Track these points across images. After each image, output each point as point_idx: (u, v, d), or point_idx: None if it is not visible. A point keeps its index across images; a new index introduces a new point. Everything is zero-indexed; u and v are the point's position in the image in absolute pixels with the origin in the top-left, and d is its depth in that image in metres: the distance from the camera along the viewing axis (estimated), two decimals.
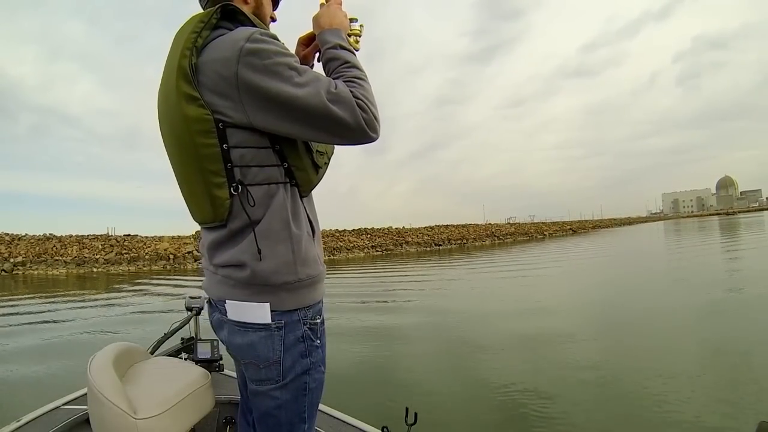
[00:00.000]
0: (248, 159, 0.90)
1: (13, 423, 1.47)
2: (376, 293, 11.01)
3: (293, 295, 0.95)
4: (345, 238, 34.18)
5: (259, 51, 0.85)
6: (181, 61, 0.88)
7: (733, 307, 6.75)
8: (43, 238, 27.17)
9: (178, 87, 0.88)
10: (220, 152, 0.89)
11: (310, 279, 0.96)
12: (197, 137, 0.89)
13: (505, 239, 44.20)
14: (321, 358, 1.01)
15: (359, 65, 0.99)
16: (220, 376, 1.90)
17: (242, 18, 0.96)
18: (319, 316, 1.01)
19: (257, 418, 1.02)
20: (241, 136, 0.90)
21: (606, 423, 3.16)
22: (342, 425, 1.54)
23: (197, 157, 0.90)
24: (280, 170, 0.94)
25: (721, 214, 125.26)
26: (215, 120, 0.88)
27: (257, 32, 0.88)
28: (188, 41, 0.89)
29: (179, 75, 0.88)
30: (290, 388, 0.97)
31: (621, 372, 4.13)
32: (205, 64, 0.88)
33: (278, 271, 0.92)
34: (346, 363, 4.72)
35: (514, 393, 3.73)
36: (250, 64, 0.84)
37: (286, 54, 0.89)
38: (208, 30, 0.91)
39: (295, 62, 0.89)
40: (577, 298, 8.84)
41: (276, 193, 0.93)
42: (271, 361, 0.95)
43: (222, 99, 0.87)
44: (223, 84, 0.86)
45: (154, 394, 1.13)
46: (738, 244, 19.73)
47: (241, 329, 0.96)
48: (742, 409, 3.19)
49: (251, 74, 0.84)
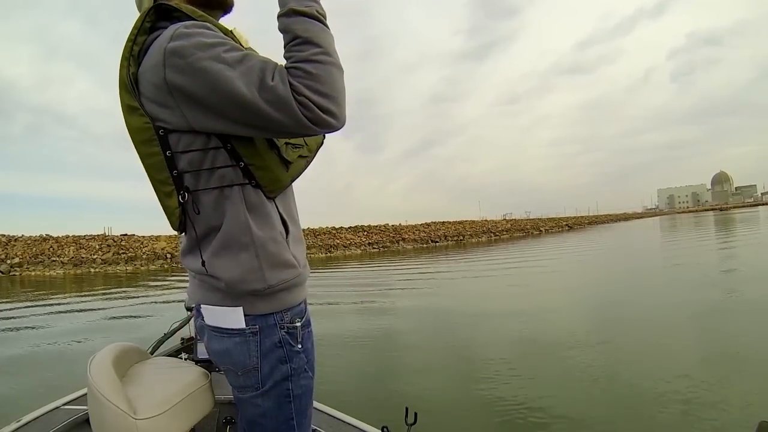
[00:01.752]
0: (197, 163, 0.84)
1: (13, 423, 1.47)
2: (374, 291, 11.01)
3: (265, 301, 0.90)
4: (341, 236, 34.17)
5: (180, 49, 0.76)
6: (121, 72, 0.85)
7: (732, 306, 6.79)
8: (40, 238, 27.06)
9: (121, 98, 0.86)
10: (164, 160, 0.85)
11: (283, 284, 0.90)
12: (141, 147, 0.86)
13: (502, 235, 44.25)
14: (305, 363, 0.96)
15: (315, 38, 0.80)
16: (220, 376, 1.89)
17: (177, 14, 0.87)
18: (300, 318, 0.95)
19: (246, 425, 1.00)
20: (186, 141, 0.84)
21: (606, 421, 3.17)
22: (342, 425, 1.54)
23: (147, 167, 0.88)
24: (236, 170, 0.85)
25: (716, 209, 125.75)
26: (155, 128, 0.83)
27: (181, 27, 0.79)
28: (126, 50, 0.85)
29: (121, 86, 0.85)
30: (272, 395, 0.93)
31: (620, 370, 4.15)
32: (142, 75, 0.83)
33: (244, 279, 0.86)
34: (346, 363, 4.72)
35: (514, 393, 3.74)
36: (175, 66, 0.77)
37: (213, 44, 0.77)
38: (144, 35, 0.85)
39: (224, 52, 0.77)
40: (576, 294, 8.88)
41: (230, 196, 0.86)
42: (249, 368, 0.92)
43: (161, 108, 0.82)
44: (158, 92, 0.81)
45: (154, 394, 1.12)
46: (729, 240, 19.80)
47: (217, 335, 0.93)
48: (742, 408, 3.20)
49: (178, 77, 0.77)
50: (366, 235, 35.84)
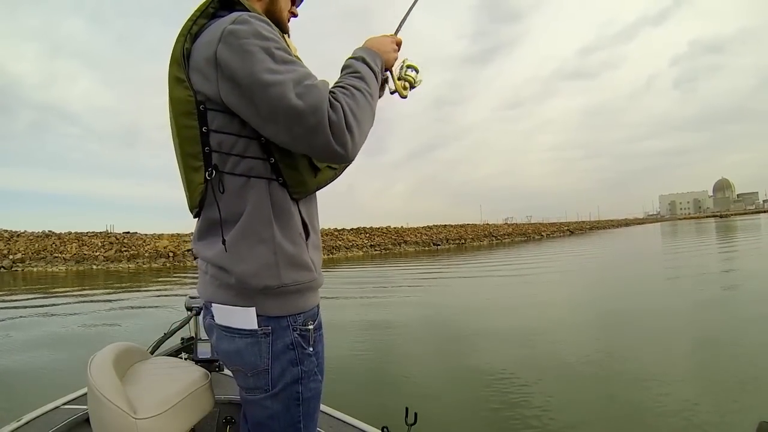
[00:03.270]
0: (228, 146, 0.87)
1: (13, 423, 1.46)
2: (375, 292, 11.01)
3: (278, 301, 0.90)
4: (344, 237, 34.18)
5: (238, 31, 0.82)
6: (175, 47, 0.90)
7: (732, 307, 6.76)
8: (42, 235, 27.15)
9: (171, 71, 0.90)
10: (199, 135, 0.87)
11: (297, 285, 0.90)
12: (180, 118, 0.89)
13: (503, 239, 44.22)
14: (316, 366, 0.96)
15: (369, 81, 0.91)
16: (220, 376, 1.90)
17: (239, 8, 0.93)
18: (312, 321, 0.95)
19: (251, 426, 0.99)
20: (222, 121, 0.87)
21: (606, 423, 3.16)
22: (342, 425, 1.54)
23: (180, 139, 0.90)
24: (265, 165, 0.88)
25: (716, 216, 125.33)
26: (197, 102, 0.87)
27: (245, 14, 0.86)
28: (185, 28, 0.90)
29: (172, 59, 0.90)
30: (281, 397, 0.92)
31: (621, 372, 4.14)
32: (195, 49, 0.88)
33: (257, 273, 0.86)
34: (345, 363, 4.72)
35: (514, 393, 3.73)
36: (228, 43, 0.82)
37: (268, 38, 0.83)
38: (205, 18, 0.91)
39: (276, 48, 0.82)
40: (578, 298, 8.85)
41: (256, 187, 0.87)
42: (259, 369, 0.91)
43: (203, 79, 0.86)
44: (205, 64, 0.85)
45: (154, 394, 1.12)
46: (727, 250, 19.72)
47: (227, 335, 0.92)
48: (742, 408, 3.20)
49: (227, 53, 0.82)
50: (368, 237, 35.84)
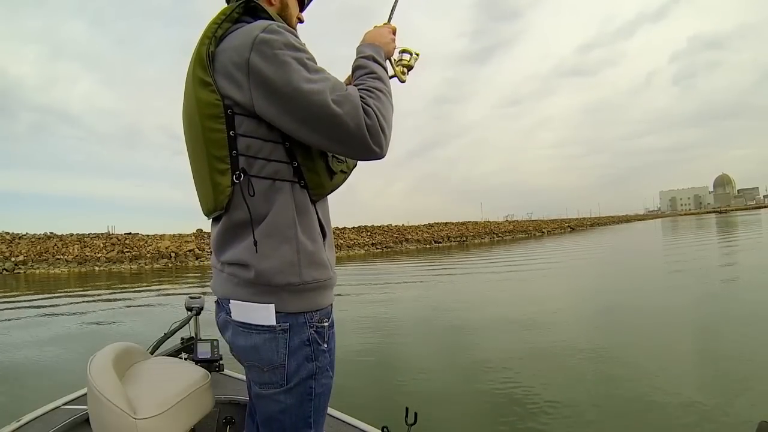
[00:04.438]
0: (254, 150, 0.89)
1: (13, 423, 1.47)
2: (376, 289, 11.02)
3: (298, 298, 0.93)
4: (345, 236, 34.20)
5: (271, 41, 0.85)
6: (200, 48, 0.91)
7: (732, 308, 6.75)
8: (44, 237, 27.21)
9: (195, 72, 0.91)
10: (227, 138, 0.89)
11: (317, 283, 0.94)
12: (206, 121, 0.90)
13: (504, 237, 44.20)
14: (328, 362, 0.99)
15: (385, 80, 0.98)
16: (220, 376, 1.90)
17: (263, 15, 0.96)
18: (327, 319, 0.98)
19: (261, 421, 1.00)
20: (249, 126, 0.89)
21: (606, 423, 3.16)
22: (342, 425, 1.54)
23: (205, 142, 0.91)
24: (289, 168, 0.92)
25: (716, 212, 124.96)
26: (225, 106, 0.88)
27: (274, 24, 0.89)
28: (209, 30, 0.92)
29: (197, 61, 0.91)
30: (295, 392, 0.94)
31: (621, 371, 4.14)
32: (221, 53, 0.90)
33: (282, 271, 0.90)
34: (345, 363, 4.72)
35: (514, 393, 3.73)
36: (262, 52, 0.85)
37: (300, 49, 0.88)
38: (229, 23, 0.94)
39: (307, 59, 0.88)
40: (579, 294, 8.86)
41: (282, 190, 0.91)
42: (276, 365, 0.93)
43: (232, 84, 0.88)
44: (235, 69, 0.87)
45: (154, 394, 1.13)
46: (728, 244, 19.70)
47: (244, 330, 0.94)
48: (742, 408, 3.19)
49: (261, 62, 0.84)
50: (369, 235, 35.86)
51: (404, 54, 1.12)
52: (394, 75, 1.11)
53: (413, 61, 1.13)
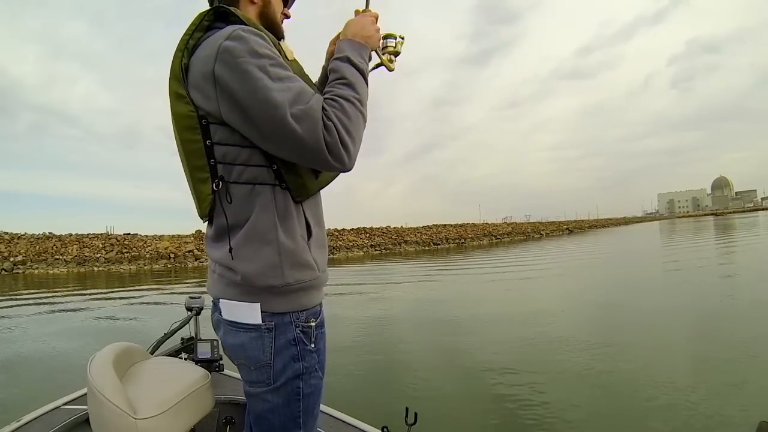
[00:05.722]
0: (232, 157, 0.90)
1: (13, 423, 1.47)
2: (375, 291, 11.02)
3: (282, 299, 0.94)
4: (344, 237, 34.17)
5: (233, 49, 0.84)
6: (174, 62, 0.92)
7: (732, 308, 6.75)
8: (43, 236, 27.13)
9: (171, 86, 0.92)
10: (203, 148, 0.91)
11: (301, 284, 0.94)
12: (184, 133, 0.92)
13: (503, 238, 44.16)
14: (317, 362, 0.99)
15: (357, 86, 0.92)
16: (220, 376, 1.90)
17: (234, 19, 0.95)
18: (315, 319, 0.98)
19: (252, 420, 1.02)
20: (224, 134, 0.89)
21: (606, 422, 3.16)
22: (342, 425, 1.54)
23: (185, 153, 0.94)
24: (269, 171, 0.91)
25: (714, 214, 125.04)
26: (199, 116, 0.89)
27: (239, 29, 0.87)
28: (182, 42, 0.93)
29: (172, 75, 0.92)
30: (282, 392, 0.95)
31: (621, 372, 4.14)
32: (193, 64, 0.90)
33: (264, 273, 0.90)
34: (346, 363, 4.72)
35: (514, 393, 3.73)
36: (225, 62, 0.84)
37: (263, 55, 0.85)
38: (200, 32, 0.93)
39: (271, 65, 0.85)
40: (578, 294, 8.84)
41: (262, 194, 0.91)
42: (262, 363, 0.94)
43: (203, 95, 0.88)
44: (203, 81, 0.87)
45: (154, 394, 1.13)
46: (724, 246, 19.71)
47: (233, 329, 0.96)
48: (742, 408, 3.19)
49: (225, 72, 0.84)
50: (368, 237, 35.82)
51: (389, 40, 1.07)
52: (380, 64, 1.06)
53: (399, 46, 1.07)
